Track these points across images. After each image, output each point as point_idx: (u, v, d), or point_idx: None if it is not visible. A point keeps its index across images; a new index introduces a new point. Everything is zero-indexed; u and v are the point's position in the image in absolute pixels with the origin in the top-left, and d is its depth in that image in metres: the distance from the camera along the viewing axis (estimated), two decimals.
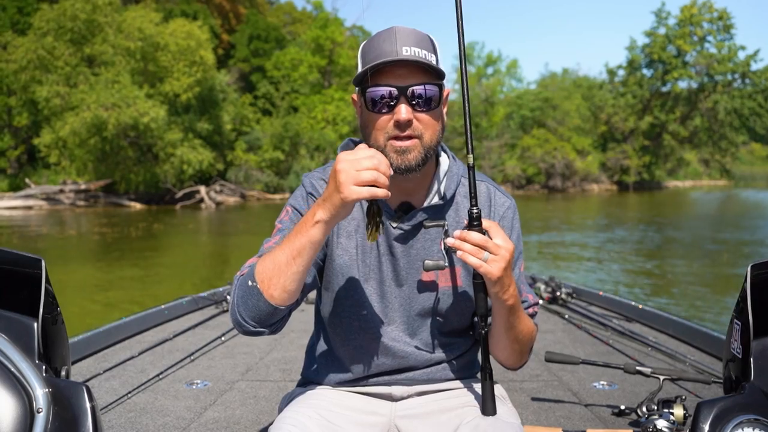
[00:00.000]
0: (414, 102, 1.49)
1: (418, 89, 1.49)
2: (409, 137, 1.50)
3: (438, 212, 1.64)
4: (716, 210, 30.70)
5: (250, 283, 1.46)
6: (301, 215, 1.59)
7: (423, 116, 1.51)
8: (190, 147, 31.65)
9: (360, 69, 1.54)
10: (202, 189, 32.27)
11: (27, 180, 31.79)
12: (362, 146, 1.39)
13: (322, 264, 1.66)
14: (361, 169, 1.33)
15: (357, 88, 1.57)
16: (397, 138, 1.50)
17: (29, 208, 29.18)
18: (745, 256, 13.65)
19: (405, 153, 1.51)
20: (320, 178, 1.67)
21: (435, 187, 1.65)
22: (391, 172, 1.37)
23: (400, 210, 1.64)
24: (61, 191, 30.18)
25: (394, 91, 1.48)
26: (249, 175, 35.13)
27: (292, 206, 1.65)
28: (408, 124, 1.49)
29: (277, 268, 1.43)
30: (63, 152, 30.72)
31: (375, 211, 1.44)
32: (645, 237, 18.45)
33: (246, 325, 1.49)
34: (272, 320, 1.49)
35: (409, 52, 1.48)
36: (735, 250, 15.02)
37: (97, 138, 29.27)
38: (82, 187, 30.61)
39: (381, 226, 1.46)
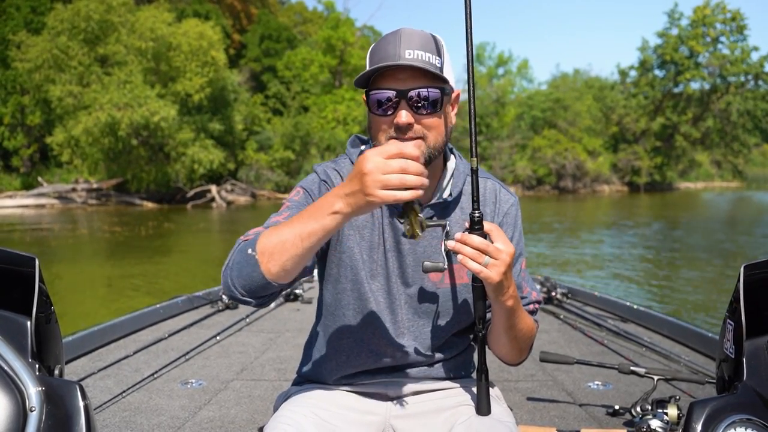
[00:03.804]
0: (417, 105, 1.49)
1: (419, 93, 1.49)
2: (411, 138, 1.50)
3: (443, 210, 1.65)
4: (728, 212, 30.47)
5: (249, 251, 1.43)
6: (312, 199, 1.59)
7: (426, 119, 1.51)
8: (201, 147, 31.78)
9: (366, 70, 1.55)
10: (213, 188, 32.39)
11: (39, 178, 32.07)
12: (392, 142, 1.35)
13: (323, 252, 1.66)
14: (389, 172, 1.29)
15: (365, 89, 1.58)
16: (397, 138, 1.50)
17: (42, 206, 29.40)
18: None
19: None
20: (333, 169, 1.67)
21: (441, 186, 1.66)
22: (424, 170, 1.32)
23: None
24: (73, 190, 30.40)
25: (394, 94, 1.49)
26: (260, 175, 35.23)
27: (304, 188, 1.64)
28: (408, 127, 1.49)
29: (281, 245, 1.39)
30: (75, 151, 30.93)
31: (410, 210, 1.39)
32: (653, 239, 18.35)
33: (234, 290, 1.46)
34: (262, 293, 1.47)
35: (412, 55, 1.48)
36: (746, 251, 14.91)
37: (110, 137, 29.46)
38: (94, 185, 30.84)
39: (420, 223, 1.40)
